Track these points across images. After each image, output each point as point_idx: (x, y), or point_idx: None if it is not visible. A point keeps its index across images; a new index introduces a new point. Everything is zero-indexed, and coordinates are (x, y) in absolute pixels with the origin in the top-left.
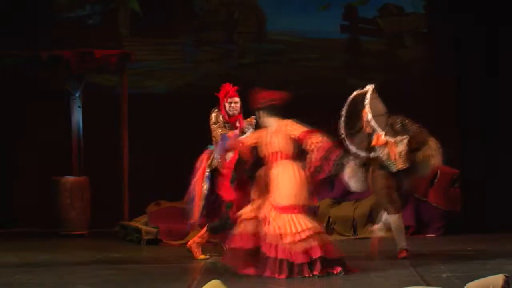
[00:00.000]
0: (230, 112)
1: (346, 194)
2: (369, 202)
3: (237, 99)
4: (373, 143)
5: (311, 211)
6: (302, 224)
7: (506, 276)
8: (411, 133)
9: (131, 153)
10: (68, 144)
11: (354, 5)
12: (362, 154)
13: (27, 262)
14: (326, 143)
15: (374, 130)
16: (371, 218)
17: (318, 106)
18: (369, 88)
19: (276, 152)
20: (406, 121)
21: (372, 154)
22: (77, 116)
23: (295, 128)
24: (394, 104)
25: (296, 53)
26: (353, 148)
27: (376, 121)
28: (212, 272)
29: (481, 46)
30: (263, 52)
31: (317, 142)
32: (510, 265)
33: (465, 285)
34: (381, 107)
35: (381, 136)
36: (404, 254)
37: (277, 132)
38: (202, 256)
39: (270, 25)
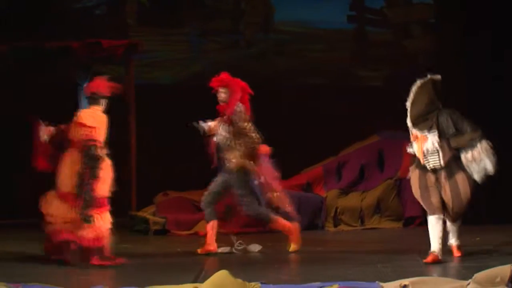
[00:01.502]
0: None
1: (353, 185)
2: (377, 193)
3: (220, 89)
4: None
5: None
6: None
7: None
8: (453, 130)
9: (138, 143)
10: None
11: None
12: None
13: (33, 253)
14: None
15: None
16: (378, 208)
17: (324, 95)
18: (429, 77)
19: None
20: (454, 116)
21: (410, 150)
22: (85, 106)
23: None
24: (400, 94)
25: (303, 43)
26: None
27: (410, 110)
28: (220, 263)
29: (488, 36)
30: (270, 42)
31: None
32: None
33: (473, 275)
34: (426, 98)
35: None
36: (429, 258)
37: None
38: None
39: (277, 16)
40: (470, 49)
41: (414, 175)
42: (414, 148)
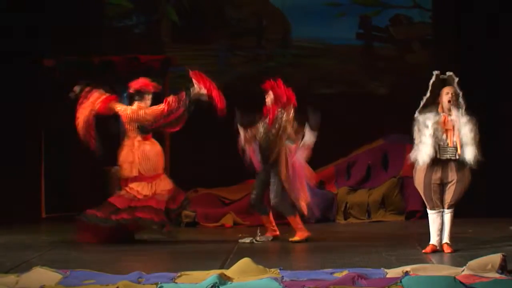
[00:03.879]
0: None
1: (361, 183)
2: (382, 190)
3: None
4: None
5: None
6: None
7: (503, 255)
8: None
9: (172, 146)
10: (117, 138)
11: (369, 15)
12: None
13: (81, 242)
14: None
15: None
16: (383, 204)
17: (336, 103)
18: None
19: None
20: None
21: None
22: None
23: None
24: (403, 102)
25: (317, 58)
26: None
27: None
28: (243, 251)
29: (480, 51)
30: (288, 56)
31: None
32: (508, 246)
33: (466, 263)
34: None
35: (449, 117)
36: (428, 249)
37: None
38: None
39: (295, 33)
40: (464, 62)
41: (421, 168)
42: (442, 138)
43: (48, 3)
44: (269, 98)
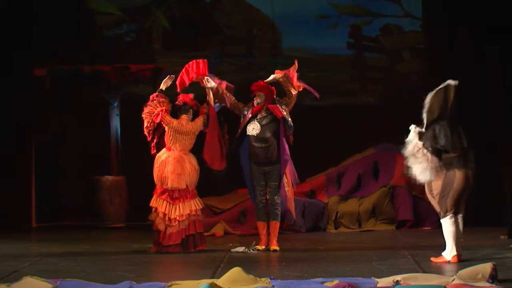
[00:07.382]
0: None
1: (352, 192)
2: (372, 199)
3: (258, 92)
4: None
5: None
6: None
7: (494, 265)
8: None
9: None
10: (107, 147)
11: (359, 24)
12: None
13: (71, 252)
14: None
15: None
16: (374, 213)
17: (327, 113)
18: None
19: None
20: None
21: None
22: (115, 123)
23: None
24: (394, 111)
25: (307, 67)
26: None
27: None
28: (234, 260)
29: (471, 60)
30: (279, 65)
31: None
32: (498, 255)
33: (457, 272)
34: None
35: None
36: (454, 259)
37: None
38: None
39: (285, 42)
40: (454, 70)
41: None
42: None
43: (38, 13)
44: (260, 99)
